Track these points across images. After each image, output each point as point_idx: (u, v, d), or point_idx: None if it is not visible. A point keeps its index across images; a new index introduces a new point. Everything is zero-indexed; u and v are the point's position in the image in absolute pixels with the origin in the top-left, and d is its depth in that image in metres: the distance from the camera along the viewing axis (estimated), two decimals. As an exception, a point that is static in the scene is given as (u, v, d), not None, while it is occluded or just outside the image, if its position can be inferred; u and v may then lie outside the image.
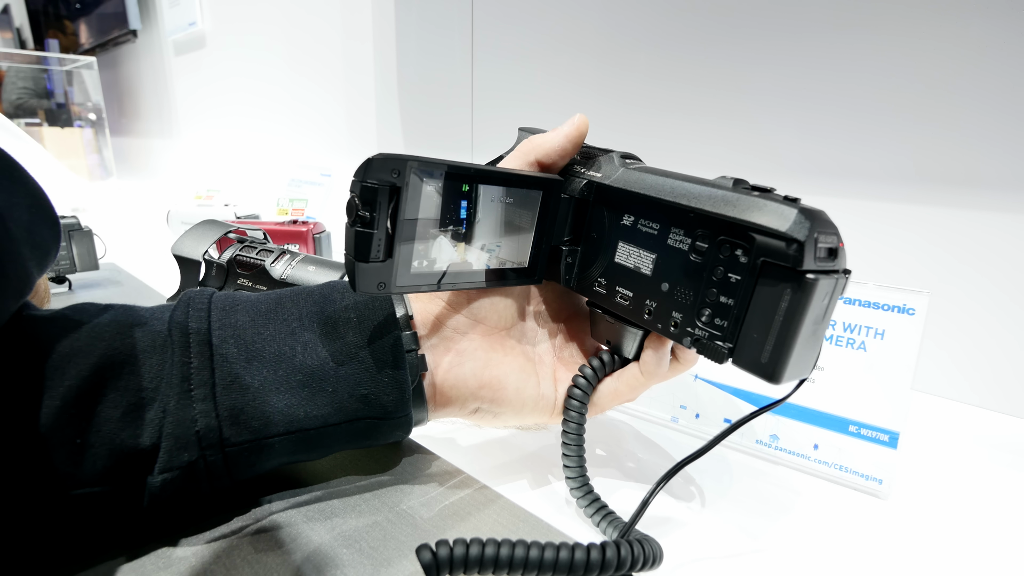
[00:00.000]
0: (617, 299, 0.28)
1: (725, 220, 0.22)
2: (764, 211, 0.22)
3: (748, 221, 0.22)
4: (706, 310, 0.23)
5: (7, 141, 1.35)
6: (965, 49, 0.43)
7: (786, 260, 0.20)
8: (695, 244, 0.24)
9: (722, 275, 0.22)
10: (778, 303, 0.21)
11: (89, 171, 2.18)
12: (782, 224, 0.21)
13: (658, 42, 0.61)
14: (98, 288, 0.68)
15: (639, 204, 0.26)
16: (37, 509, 0.22)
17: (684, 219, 0.24)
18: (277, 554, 0.24)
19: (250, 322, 0.26)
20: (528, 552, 0.21)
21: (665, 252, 0.25)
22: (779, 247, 0.21)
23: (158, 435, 0.23)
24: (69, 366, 0.22)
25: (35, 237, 0.23)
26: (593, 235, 0.29)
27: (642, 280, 0.26)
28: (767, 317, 0.21)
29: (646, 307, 0.26)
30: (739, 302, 0.22)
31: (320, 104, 1.18)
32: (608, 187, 0.28)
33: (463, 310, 0.29)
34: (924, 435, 0.40)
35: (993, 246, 0.43)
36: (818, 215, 0.21)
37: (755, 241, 0.21)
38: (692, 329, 0.24)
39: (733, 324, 0.22)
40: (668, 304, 0.25)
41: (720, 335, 0.23)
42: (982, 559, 0.28)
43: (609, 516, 0.27)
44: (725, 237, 0.22)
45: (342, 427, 0.26)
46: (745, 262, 0.22)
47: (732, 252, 0.22)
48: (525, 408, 0.30)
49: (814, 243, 0.21)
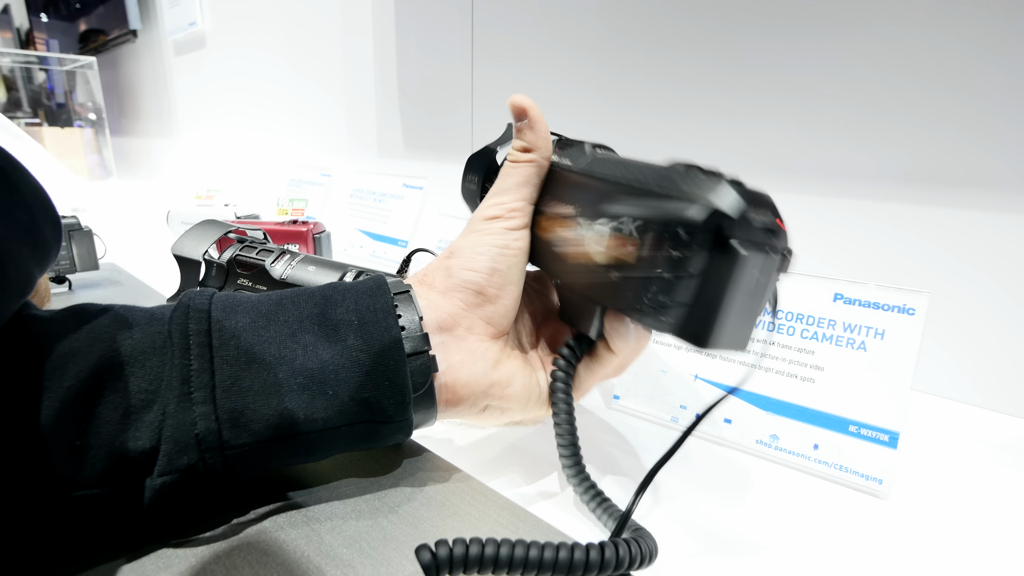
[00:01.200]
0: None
1: (664, 195, 0.24)
2: (701, 187, 0.23)
3: (685, 194, 0.23)
4: (651, 285, 0.24)
5: (7, 141, 1.35)
6: (965, 48, 0.43)
7: (717, 231, 0.22)
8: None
9: (663, 249, 0.23)
10: (710, 274, 0.22)
11: (89, 171, 2.18)
12: (716, 198, 0.22)
13: (658, 42, 0.61)
14: (98, 288, 0.68)
15: (595, 183, 0.27)
16: (36, 511, 0.22)
17: (630, 196, 0.25)
18: (277, 554, 0.24)
19: (250, 324, 0.26)
20: (528, 552, 0.21)
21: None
22: (711, 219, 0.22)
23: (158, 437, 0.23)
24: (68, 367, 0.22)
25: (36, 237, 0.23)
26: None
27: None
28: (700, 287, 0.23)
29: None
30: (675, 275, 0.23)
31: (320, 104, 1.18)
32: (574, 171, 0.30)
33: (479, 311, 0.29)
34: (924, 435, 0.40)
35: (993, 246, 0.43)
36: (757, 195, 0.23)
37: (688, 215, 0.22)
38: (638, 304, 0.25)
39: (671, 296, 0.23)
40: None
41: (661, 307, 0.24)
42: (982, 559, 0.28)
43: (605, 503, 0.28)
44: (664, 212, 0.23)
45: (342, 430, 0.26)
46: (681, 236, 0.22)
47: (672, 228, 0.23)
48: (530, 403, 0.30)
49: (746, 218, 0.22)
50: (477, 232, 0.30)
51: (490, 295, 0.29)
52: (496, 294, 0.29)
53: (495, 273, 0.29)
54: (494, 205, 0.31)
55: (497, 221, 0.30)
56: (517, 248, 0.30)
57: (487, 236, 0.30)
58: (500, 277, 0.29)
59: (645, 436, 0.38)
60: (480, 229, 0.30)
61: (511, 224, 0.30)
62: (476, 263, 0.29)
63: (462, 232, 0.31)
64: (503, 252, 0.29)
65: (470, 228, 0.31)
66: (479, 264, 0.29)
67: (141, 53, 2.05)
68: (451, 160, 0.90)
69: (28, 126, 2.18)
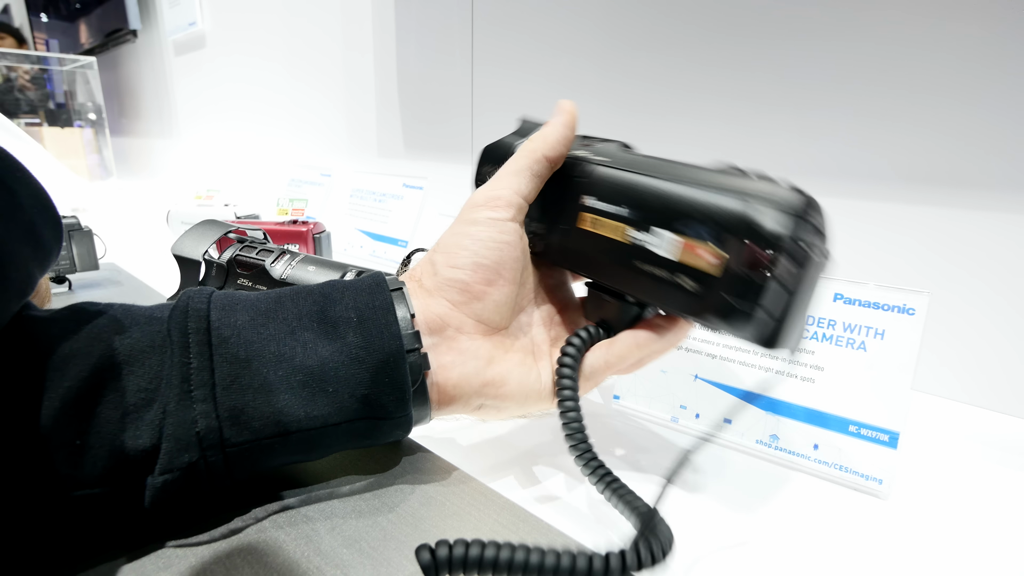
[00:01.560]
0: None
1: (739, 201, 0.24)
2: (773, 194, 0.23)
3: (761, 201, 0.23)
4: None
5: (7, 141, 1.35)
6: (966, 49, 0.43)
7: (797, 239, 0.23)
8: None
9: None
10: (788, 280, 0.23)
11: (89, 171, 2.18)
12: (791, 206, 0.23)
13: (658, 44, 0.61)
14: (98, 288, 0.68)
15: (650, 183, 0.27)
16: (37, 510, 0.22)
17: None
18: (277, 554, 0.24)
19: (250, 321, 0.26)
20: (528, 556, 0.21)
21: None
22: (794, 228, 0.23)
23: (158, 436, 0.23)
24: (68, 367, 0.22)
25: (37, 237, 0.23)
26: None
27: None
28: (778, 293, 0.23)
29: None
30: (757, 283, 0.23)
31: (320, 104, 1.18)
32: (617, 168, 0.28)
33: (466, 309, 0.29)
34: (924, 435, 0.40)
35: (993, 246, 0.43)
36: (811, 198, 0.24)
37: (770, 225, 0.23)
38: (710, 309, 0.25)
39: (748, 302, 0.24)
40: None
41: (734, 313, 0.24)
42: (982, 559, 0.28)
43: (620, 491, 0.26)
44: (745, 221, 0.23)
45: (342, 427, 0.26)
46: (765, 245, 0.23)
47: (755, 237, 0.23)
48: (528, 400, 0.30)
49: (815, 224, 0.23)
50: (463, 222, 0.29)
51: (476, 292, 0.29)
52: (483, 290, 0.29)
53: (480, 268, 0.28)
54: (486, 192, 0.30)
55: (484, 210, 0.29)
56: (504, 241, 0.29)
57: (472, 228, 0.29)
58: (486, 272, 0.28)
59: (645, 436, 0.38)
60: (466, 218, 0.29)
61: (499, 215, 0.29)
62: (459, 259, 0.28)
63: (453, 222, 0.30)
64: (488, 245, 0.28)
65: (459, 217, 0.30)
66: (462, 260, 0.28)
67: (141, 53, 2.05)
68: (451, 160, 0.90)
69: (28, 126, 2.18)
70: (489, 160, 0.34)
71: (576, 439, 0.28)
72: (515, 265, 0.29)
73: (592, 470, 0.27)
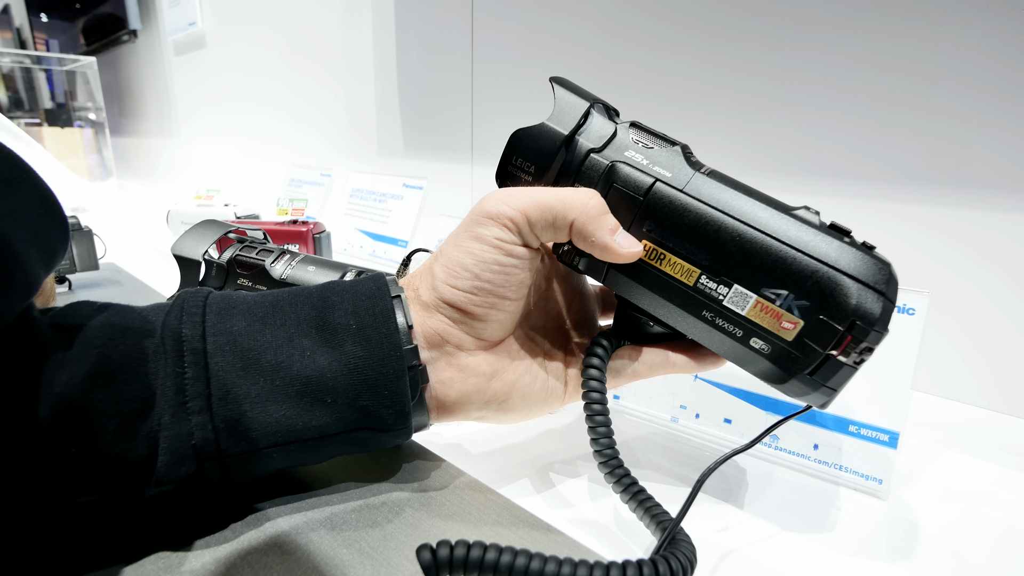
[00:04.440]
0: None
1: (829, 276, 0.23)
2: (867, 271, 0.23)
3: (856, 279, 0.23)
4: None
5: (8, 142, 1.34)
6: (966, 48, 0.43)
7: (874, 326, 0.22)
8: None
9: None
10: (855, 360, 0.23)
11: (89, 171, 2.18)
12: (883, 286, 0.23)
13: (658, 43, 0.61)
14: (98, 288, 0.68)
15: (726, 228, 0.24)
16: (35, 517, 0.22)
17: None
18: (278, 556, 0.24)
19: (246, 327, 0.25)
20: (529, 563, 0.21)
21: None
22: (884, 314, 0.22)
23: (154, 447, 0.23)
24: (59, 374, 0.22)
25: (43, 238, 0.23)
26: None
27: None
28: (844, 370, 0.23)
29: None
30: (834, 360, 0.23)
31: (320, 104, 1.18)
32: (694, 202, 0.25)
33: (465, 328, 0.27)
34: (924, 435, 0.40)
35: (993, 246, 0.43)
36: (893, 273, 0.23)
37: (870, 308, 0.22)
38: (775, 374, 0.25)
39: (818, 375, 0.23)
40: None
41: (802, 381, 0.24)
42: (982, 559, 0.28)
43: (646, 503, 0.26)
44: (819, 293, 0.23)
45: (340, 436, 0.26)
46: (854, 329, 0.22)
47: (843, 318, 0.22)
48: (533, 408, 0.29)
49: (893, 303, 0.23)
50: (468, 234, 0.26)
51: (477, 314, 0.27)
52: (485, 313, 0.27)
53: (480, 292, 0.26)
54: (499, 204, 0.26)
55: (492, 226, 0.26)
56: (511, 264, 0.26)
57: (476, 245, 0.26)
58: (487, 296, 0.26)
59: (645, 436, 0.38)
60: (472, 231, 0.26)
61: (507, 237, 0.26)
62: (459, 280, 0.26)
63: (459, 225, 0.28)
64: (492, 268, 0.26)
65: (466, 222, 0.27)
66: (462, 282, 0.26)
67: (141, 53, 2.05)
68: (451, 160, 0.90)
69: (28, 126, 2.18)
70: (519, 151, 0.28)
71: (602, 444, 0.27)
72: (521, 287, 0.27)
73: (618, 479, 0.27)
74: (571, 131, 0.27)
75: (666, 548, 0.23)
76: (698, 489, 0.24)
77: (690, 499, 0.24)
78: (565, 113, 0.28)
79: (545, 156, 0.28)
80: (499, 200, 0.26)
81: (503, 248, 0.26)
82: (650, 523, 0.25)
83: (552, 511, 0.30)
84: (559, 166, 0.28)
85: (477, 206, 0.27)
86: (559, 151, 0.27)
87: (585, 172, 0.27)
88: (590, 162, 0.27)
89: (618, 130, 0.27)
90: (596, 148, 0.27)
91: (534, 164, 0.28)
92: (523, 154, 0.28)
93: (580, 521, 0.29)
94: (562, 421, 0.39)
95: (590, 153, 0.27)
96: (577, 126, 0.28)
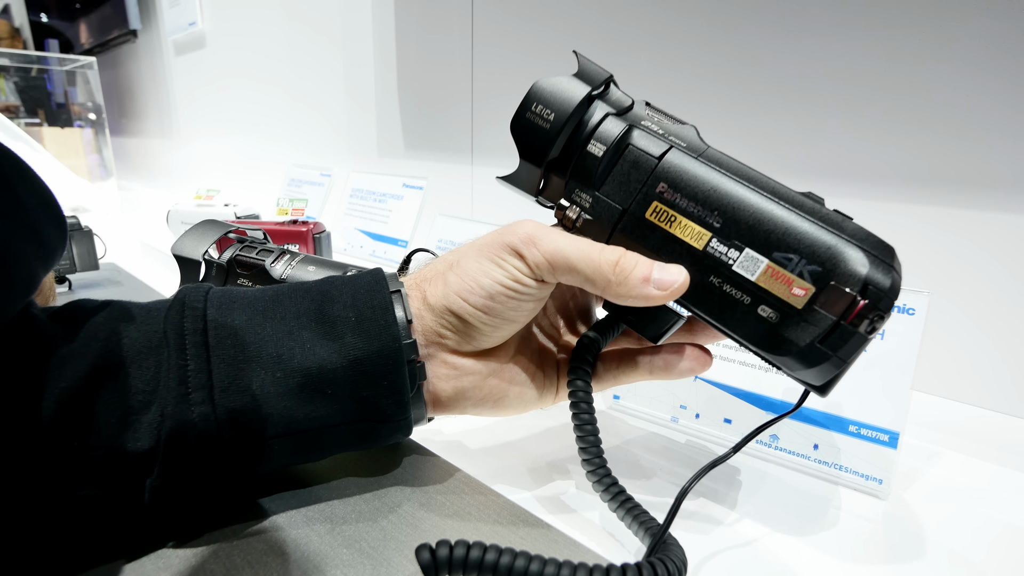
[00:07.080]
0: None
1: (845, 246, 0.23)
2: (878, 247, 0.23)
3: (868, 251, 0.23)
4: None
5: (8, 142, 1.35)
6: (966, 48, 0.43)
7: (888, 290, 0.22)
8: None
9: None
10: (867, 328, 0.22)
11: (89, 171, 2.18)
12: (887, 254, 0.23)
13: (659, 43, 0.61)
14: (98, 288, 0.68)
15: (740, 193, 0.24)
16: (37, 511, 0.22)
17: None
18: (277, 554, 0.24)
19: (247, 321, 0.26)
20: (529, 565, 0.21)
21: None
22: (894, 287, 0.22)
23: (157, 438, 0.23)
24: (64, 368, 0.22)
25: (41, 236, 0.23)
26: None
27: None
28: (855, 338, 0.23)
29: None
30: (845, 330, 0.23)
31: (320, 104, 1.18)
32: (709, 169, 0.25)
33: (465, 336, 0.27)
34: (924, 435, 0.40)
35: (993, 246, 0.43)
36: (894, 251, 0.23)
37: (882, 279, 0.22)
38: (783, 347, 0.24)
39: (828, 347, 0.23)
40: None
41: (809, 354, 0.23)
42: (982, 559, 0.28)
43: (633, 510, 0.26)
44: (832, 259, 0.23)
45: (341, 428, 0.26)
46: (870, 298, 0.22)
47: (859, 287, 0.22)
48: (529, 405, 0.30)
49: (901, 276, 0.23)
50: (492, 256, 0.26)
51: (481, 329, 0.27)
52: (489, 330, 0.27)
53: (489, 311, 0.26)
54: (529, 237, 0.26)
55: (517, 259, 0.26)
56: (527, 294, 0.26)
57: (497, 271, 0.26)
58: (494, 317, 0.27)
59: (645, 436, 0.38)
60: (497, 254, 0.26)
61: (529, 274, 0.26)
62: (471, 295, 0.26)
63: (486, 236, 0.27)
64: (506, 294, 0.26)
65: (495, 240, 0.27)
66: (474, 298, 0.26)
67: (141, 53, 2.05)
68: (451, 160, 0.90)
69: (28, 126, 2.18)
70: (540, 97, 0.28)
71: (590, 453, 0.27)
72: (531, 314, 0.28)
73: (605, 487, 0.27)
74: (593, 88, 0.28)
75: (657, 552, 0.23)
76: (682, 499, 0.24)
77: (673, 509, 0.24)
78: (588, 75, 0.28)
79: (565, 105, 0.27)
80: (529, 238, 0.26)
81: (522, 281, 0.26)
82: (638, 529, 0.26)
83: (551, 511, 0.30)
84: (576, 122, 0.28)
85: (508, 230, 0.27)
86: (580, 104, 0.27)
87: (602, 132, 0.27)
88: (608, 122, 0.27)
89: (635, 103, 0.28)
90: (614, 112, 0.28)
91: (554, 112, 0.28)
92: (544, 101, 0.28)
93: (580, 521, 0.29)
94: (562, 420, 0.39)
95: (608, 115, 0.27)
96: (599, 87, 0.28)
